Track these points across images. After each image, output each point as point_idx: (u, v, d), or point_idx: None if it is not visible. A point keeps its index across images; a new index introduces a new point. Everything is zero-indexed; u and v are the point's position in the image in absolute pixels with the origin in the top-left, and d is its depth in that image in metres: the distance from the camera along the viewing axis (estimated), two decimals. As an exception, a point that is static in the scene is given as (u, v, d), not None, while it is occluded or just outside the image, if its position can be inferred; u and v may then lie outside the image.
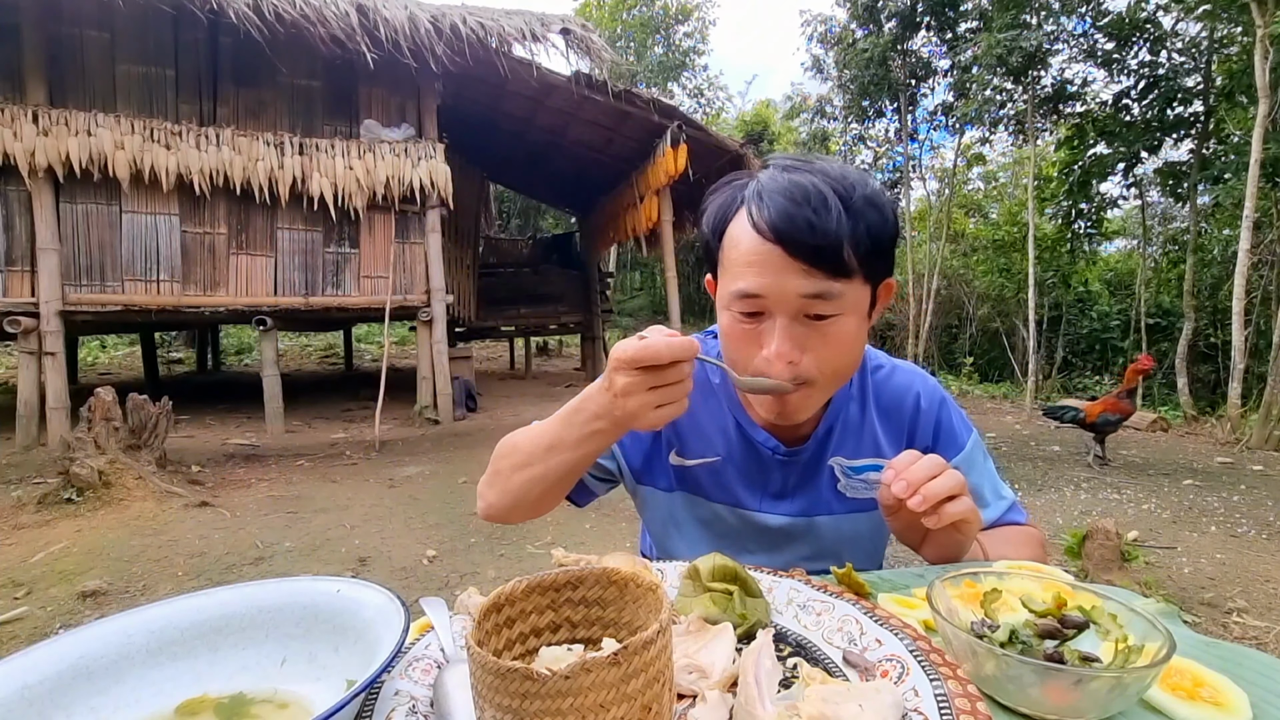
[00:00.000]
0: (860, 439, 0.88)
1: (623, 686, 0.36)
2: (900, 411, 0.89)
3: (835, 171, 0.72)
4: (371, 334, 14.05)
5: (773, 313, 0.71)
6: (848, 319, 0.72)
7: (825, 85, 13.09)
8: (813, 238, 0.67)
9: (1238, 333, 6.39)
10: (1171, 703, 0.43)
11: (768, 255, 0.69)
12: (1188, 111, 8.99)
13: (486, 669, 0.36)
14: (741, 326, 0.73)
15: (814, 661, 0.50)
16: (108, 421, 3.81)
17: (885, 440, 0.89)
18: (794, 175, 0.71)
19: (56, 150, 5.31)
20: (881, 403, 0.90)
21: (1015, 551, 0.84)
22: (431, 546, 3.23)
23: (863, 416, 0.89)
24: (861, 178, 0.73)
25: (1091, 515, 3.60)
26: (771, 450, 0.87)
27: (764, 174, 0.73)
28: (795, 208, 0.67)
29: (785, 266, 0.68)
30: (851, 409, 0.89)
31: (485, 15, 6.17)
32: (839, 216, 0.67)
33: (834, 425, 0.88)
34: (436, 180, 6.45)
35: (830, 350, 0.72)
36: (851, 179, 0.71)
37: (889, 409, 0.90)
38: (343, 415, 6.96)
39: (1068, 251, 11.58)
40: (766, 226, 0.68)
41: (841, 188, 0.69)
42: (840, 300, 0.70)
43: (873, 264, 0.71)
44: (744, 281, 0.70)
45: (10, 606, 2.49)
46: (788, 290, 0.69)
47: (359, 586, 0.55)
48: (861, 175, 0.73)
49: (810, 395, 0.75)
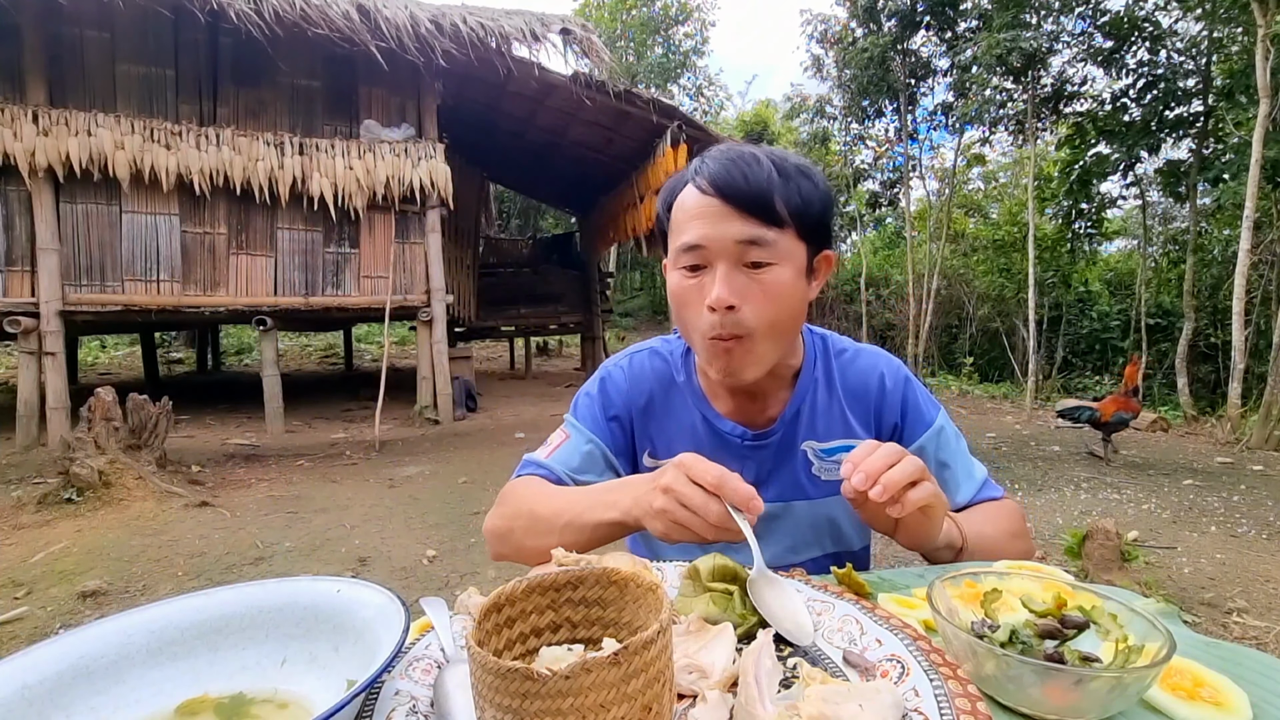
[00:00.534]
0: (830, 421, 0.89)
1: (623, 686, 0.36)
2: (866, 392, 0.91)
3: (773, 149, 0.81)
4: (371, 334, 14.05)
5: (712, 261, 0.76)
6: (783, 269, 0.76)
7: (825, 85, 13.09)
8: (747, 185, 0.75)
9: (1238, 333, 6.39)
10: (1171, 703, 0.43)
11: (708, 206, 0.76)
12: (1188, 111, 8.99)
13: (487, 669, 0.36)
14: (687, 282, 0.78)
15: (814, 661, 0.50)
16: (108, 421, 3.81)
17: (855, 421, 0.90)
18: (735, 145, 0.81)
19: (56, 150, 5.31)
20: (847, 385, 0.91)
21: (994, 527, 0.84)
22: (431, 546, 3.23)
23: (830, 399, 0.90)
24: (797, 156, 0.81)
25: (1091, 515, 3.60)
26: (740, 438, 0.89)
27: (707, 152, 0.81)
28: (732, 164, 0.76)
29: (723, 215, 0.75)
30: (819, 393, 0.90)
31: (485, 15, 6.17)
32: (770, 173, 0.76)
33: (801, 409, 0.89)
34: (436, 180, 6.45)
35: (767, 300, 0.76)
36: (787, 154, 0.80)
37: (855, 391, 0.91)
38: (343, 415, 6.96)
39: (1068, 251, 11.58)
40: (706, 182, 0.76)
41: (775, 155, 0.79)
42: (774, 248, 0.75)
43: (805, 223, 0.78)
44: (687, 234, 0.77)
45: (10, 606, 2.49)
46: (726, 235, 0.75)
47: (359, 586, 0.55)
48: (798, 155, 0.82)
49: (750, 348, 0.78)
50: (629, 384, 0.94)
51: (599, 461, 0.91)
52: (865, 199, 14.47)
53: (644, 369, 0.95)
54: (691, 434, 0.90)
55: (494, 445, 5.61)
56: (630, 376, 0.94)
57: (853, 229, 15.57)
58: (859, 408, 0.91)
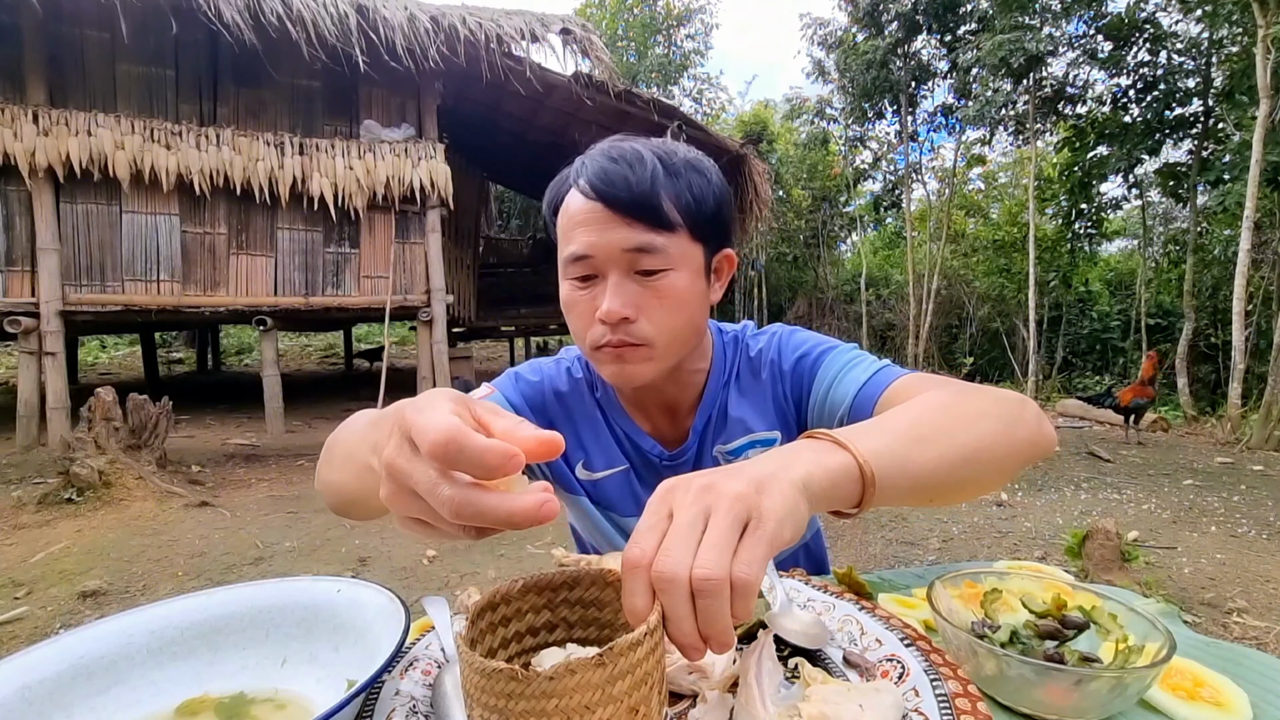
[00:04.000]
0: (730, 422, 0.86)
1: (608, 688, 0.36)
2: (760, 383, 0.86)
3: (659, 142, 0.75)
4: (371, 334, 14.04)
5: (603, 271, 0.72)
6: (678, 275, 0.72)
7: (826, 88, 13.10)
8: (630, 190, 0.69)
9: (1238, 333, 6.39)
10: (1171, 703, 0.43)
11: (592, 213, 0.71)
12: (1188, 112, 8.99)
13: (473, 668, 0.36)
14: (578, 293, 0.74)
15: (814, 661, 0.50)
16: (108, 421, 3.81)
17: (752, 413, 0.86)
18: (616, 144, 0.74)
19: (56, 150, 5.31)
20: (744, 378, 0.87)
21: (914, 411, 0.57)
22: (431, 546, 3.23)
23: (740, 399, 0.87)
24: (688, 148, 0.76)
25: (1091, 515, 3.60)
26: (658, 457, 0.86)
27: (590, 149, 0.76)
28: (613, 165, 0.70)
29: (608, 222, 0.70)
30: (729, 395, 0.87)
31: (485, 15, 6.17)
32: (655, 171, 0.70)
33: (711, 415, 0.86)
34: (436, 180, 6.45)
35: (664, 308, 0.72)
36: (674, 147, 0.74)
37: (751, 383, 0.87)
38: (343, 415, 6.88)
39: (1068, 252, 11.59)
40: (588, 185, 0.71)
41: (662, 151, 0.73)
42: (666, 254, 0.71)
43: (698, 223, 0.73)
44: (574, 244, 0.72)
45: (10, 606, 2.49)
46: (613, 244, 0.70)
47: (359, 586, 0.55)
48: (688, 147, 0.76)
49: (648, 356, 0.73)
50: (546, 389, 0.89)
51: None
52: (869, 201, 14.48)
53: (551, 380, 0.89)
54: (619, 449, 0.88)
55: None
56: (549, 383, 0.89)
57: (853, 229, 15.57)
58: (756, 399, 0.86)
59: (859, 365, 0.77)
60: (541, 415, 0.88)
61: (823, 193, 14.34)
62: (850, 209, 14.85)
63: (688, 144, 0.80)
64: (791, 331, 0.88)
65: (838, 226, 15.29)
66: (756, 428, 0.85)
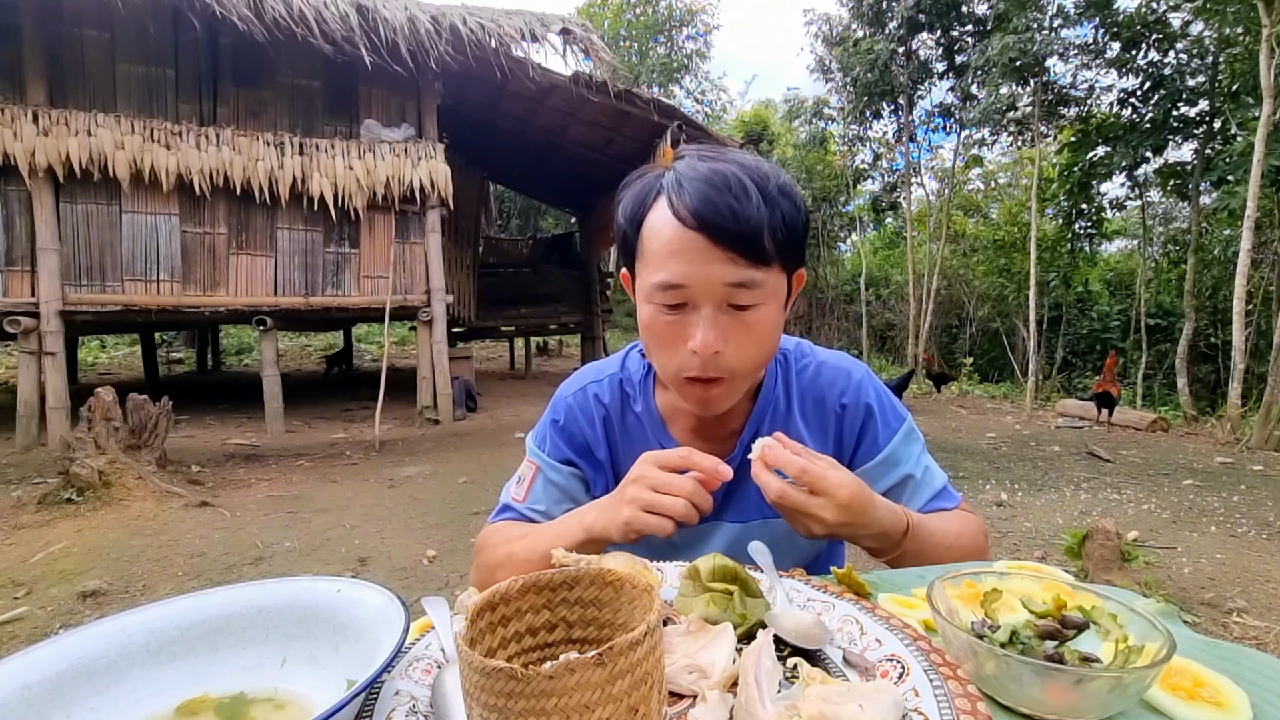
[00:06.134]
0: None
1: (608, 687, 0.36)
2: (824, 412, 0.88)
3: (750, 161, 0.73)
4: (371, 334, 14.05)
5: (696, 303, 0.70)
6: (769, 308, 0.72)
7: (828, 87, 13.10)
8: (736, 224, 0.67)
9: (1238, 333, 6.39)
10: (1171, 703, 0.43)
11: (691, 243, 0.68)
12: (1193, 112, 8.98)
13: (473, 667, 0.36)
14: (664, 319, 0.72)
15: (814, 661, 0.50)
16: (108, 421, 3.81)
17: (811, 440, 0.88)
18: (712, 164, 0.71)
19: (56, 150, 5.31)
20: (806, 402, 0.89)
21: (942, 523, 0.81)
22: (431, 546, 3.23)
23: (789, 417, 0.88)
24: (774, 168, 0.73)
25: (1091, 515, 3.60)
26: None
27: (680, 163, 0.73)
28: (718, 194, 0.67)
29: (709, 255, 0.68)
30: (778, 410, 0.88)
31: (485, 15, 6.17)
32: (758, 203, 0.68)
33: (760, 430, 0.87)
34: (436, 180, 6.45)
35: (752, 340, 0.72)
36: (765, 169, 0.72)
37: (814, 408, 0.89)
38: (343, 415, 6.96)
39: (1068, 252, 11.59)
40: (689, 214, 0.67)
41: (758, 176, 0.70)
42: (762, 289, 0.70)
43: (788, 253, 0.72)
44: (666, 272, 0.69)
45: (10, 606, 2.49)
46: (712, 279, 0.68)
47: (359, 586, 0.55)
48: (773, 166, 0.74)
49: (732, 386, 0.75)
50: (582, 420, 0.91)
51: (574, 485, 0.90)
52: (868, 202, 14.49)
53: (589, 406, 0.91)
54: None
55: (494, 445, 5.61)
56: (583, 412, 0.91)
57: (853, 229, 15.58)
58: (817, 425, 0.88)
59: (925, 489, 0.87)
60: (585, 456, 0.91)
61: (822, 193, 14.35)
62: (850, 209, 14.86)
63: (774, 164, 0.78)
64: (870, 397, 0.89)
65: (838, 226, 15.30)
66: None
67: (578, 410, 0.91)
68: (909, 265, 12.22)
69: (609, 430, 0.91)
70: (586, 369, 0.97)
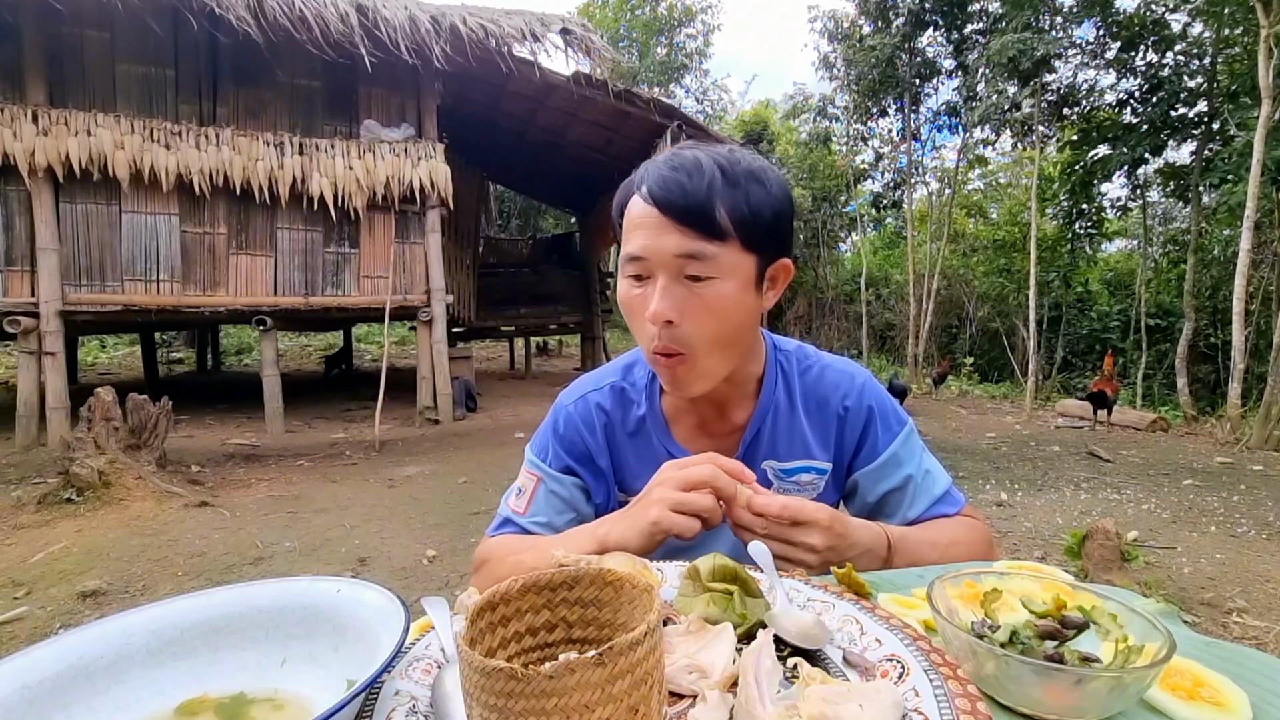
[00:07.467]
0: (791, 441, 0.89)
1: (608, 687, 0.36)
2: (827, 414, 0.90)
3: (724, 149, 0.77)
4: (371, 334, 14.05)
5: (653, 274, 0.75)
6: (725, 283, 0.74)
7: (832, 84, 13.09)
8: (682, 198, 0.72)
9: (1238, 333, 6.39)
10: (1171, 703, 0.43)
11: (648, 217, 0.74)
12: (1192, 112, 8.99)
13: (473, 667, 0.36)
14: (633, 291, 0.77)
15: (814, 661, 0.50)
16: (108, 421, 3.81)
17: (814, 441, 0.89)
18: (682, 150, 0.77)
19: (56, 150, 5.31)
20: (809, 404, 0.90)
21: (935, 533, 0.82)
22: (431, 546, 3.23)
23: (792, 418, 0.89)
24: (753, 157, 0.78)
25: (1091, 515, 3.60)
26: None
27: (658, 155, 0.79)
28: (671, 172, 0.73)
29: (662, 226, 0.73)
30: (780, 411, 0.89)
31: (485, 15, 6.17)
32: (713, 181, 0.72)
33: (762, 429, 0.88)
34: (436, 180, 6.45)
35: (709, 315, 0.74)
36: (739, 157, 0.76)
37: (817, 411, 0.90)
38: (343, 415, 6.96)
39: (1068, 252, 11.59)
40: (647, 191, 0.74)
41: (725, 160, 0.75)
42: (715, 262, 0.73)
43: (753, 233, 0.74)
44: (630, 245, 0.76)
45: (10, 606, 2.49)
46: (665, 248, 0.73)
47: (359, 586, 0.55)
48: (754, 156, 0.78)
49: (693, 364, 0.77)
50: (583, 428, 0.91)
51: (576, 495, 0.91)
52: (868, 200, 14.49)
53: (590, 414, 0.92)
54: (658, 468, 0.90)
55: (494, 445, 5.61)
56: (584, 421, 0.92)
57: (853, 229, 15.58)
58: (819, 427, 0.90)
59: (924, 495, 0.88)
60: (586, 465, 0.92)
61: (823, 193, 14.35)
62: (850, 209, 14.86)
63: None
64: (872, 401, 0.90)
65: (838, 226, 15.29)
66: (818, 455, 0.89)
67: (578, 419, 0.92)
68: (909, 265, 12.22)
69: (610, 438, 0.92)
70: (586, 377, 0.97)
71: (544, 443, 0.93)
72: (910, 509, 0.87)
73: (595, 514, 0.94)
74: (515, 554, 0.82)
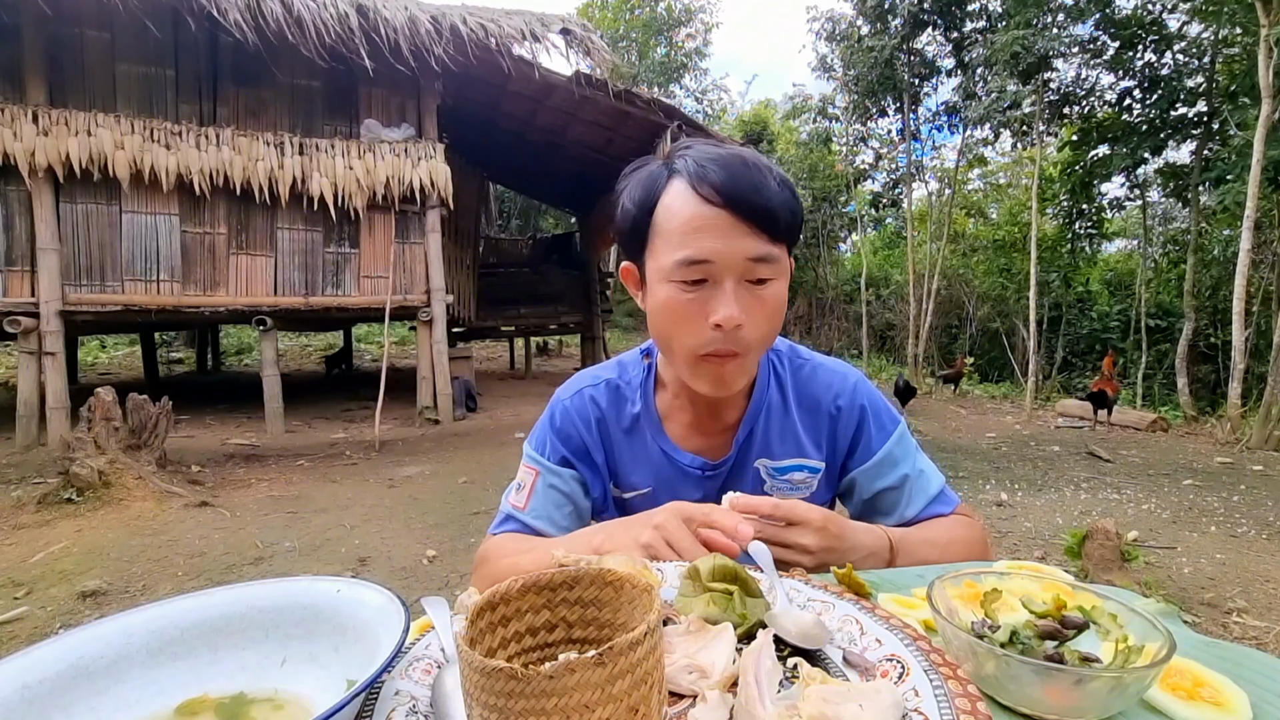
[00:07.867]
0: (784, 439, 0.89)
1: (608, 687, 0.36)
2: (819, 413, 0.90)
3: (750, 152, 0.77)
4: (371, 334, 14.04)
5: (719, 278, 0.72)
6: (780, 284, 0.75)
7: (831, 85, 13.09)
8: (761, 199, 0.71)
9: (1238, 333, 6.38)
10: (1171, 703, 0.43)
11: (715, 219, 0.71)
12: (1191, 112, 8.99)
13: (473, 667, 0.36)
14: (685, 297, 0.73)
15: (814, 661, 0.50)
16: (108, 421, 3.81)
17: (807, 439, 0.89)
18: (723, 150, 0.75)
19: (56, 150, 5.31)
20: (804, 402, 0.90)
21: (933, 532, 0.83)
22: (431, 546, 3.23)
23: (785, 415, 0.89)
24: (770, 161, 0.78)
25: (1091, 515, 3.60)
26: (699, 469, 0.88)
27: (692, 151, 0.75)
28: (739, 172, 0.71)
29: (733, 229, 0.71)
30: (774, 409, 0.89)
31: (485, 15, 6.17)
32: (776, 185, 0.73)
33: (755, 428, 0.88)
34: (436, 180, 6.45)
35: (766, 315, 0.75)
36: (766, 160, 0.76)
37: (810, 410, 0.90)
38: (343, 415, 6.96)
39: (1068, 252, 11.59)
40: (714, 191, 0.70)
41: (765, 163, 0.75)
42: (778, 265, 0.74)
43: (793, 235, 0.76)
44: (689, 249, 0.71)
45: (10, 606, 2.49)
46: (737, 253, 0.71)
47: (359, 586, 0.55)
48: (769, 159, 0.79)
49: (744, 363, 0.77)
50: (579, 423, 0.92)
51: (575, 487, 0.91)
52: (868, 199, 14.49)
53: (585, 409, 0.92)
54: (652, 467, 0.90)
55: (494, 445, 5.61)
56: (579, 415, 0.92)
57: (853, 229, 15.58)
58: (812, 427, 0.90)
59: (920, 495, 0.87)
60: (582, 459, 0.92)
61: (823, 193, 14.35)
62: (850, 209, 14.86)
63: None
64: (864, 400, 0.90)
65: (838, 226, 15.29)
66: (810, 454, 0.89)
67: (574, 413, 0.92)
68: (909, 265, 12.21)
69: (604, 433, 0.92)
70: (582, 374, 0.98)
71: (541, 437, 0.94)
72: (907, 508, 0.87)
73: (593, 508, 0.94)
74: (513, 555, 0.83)
